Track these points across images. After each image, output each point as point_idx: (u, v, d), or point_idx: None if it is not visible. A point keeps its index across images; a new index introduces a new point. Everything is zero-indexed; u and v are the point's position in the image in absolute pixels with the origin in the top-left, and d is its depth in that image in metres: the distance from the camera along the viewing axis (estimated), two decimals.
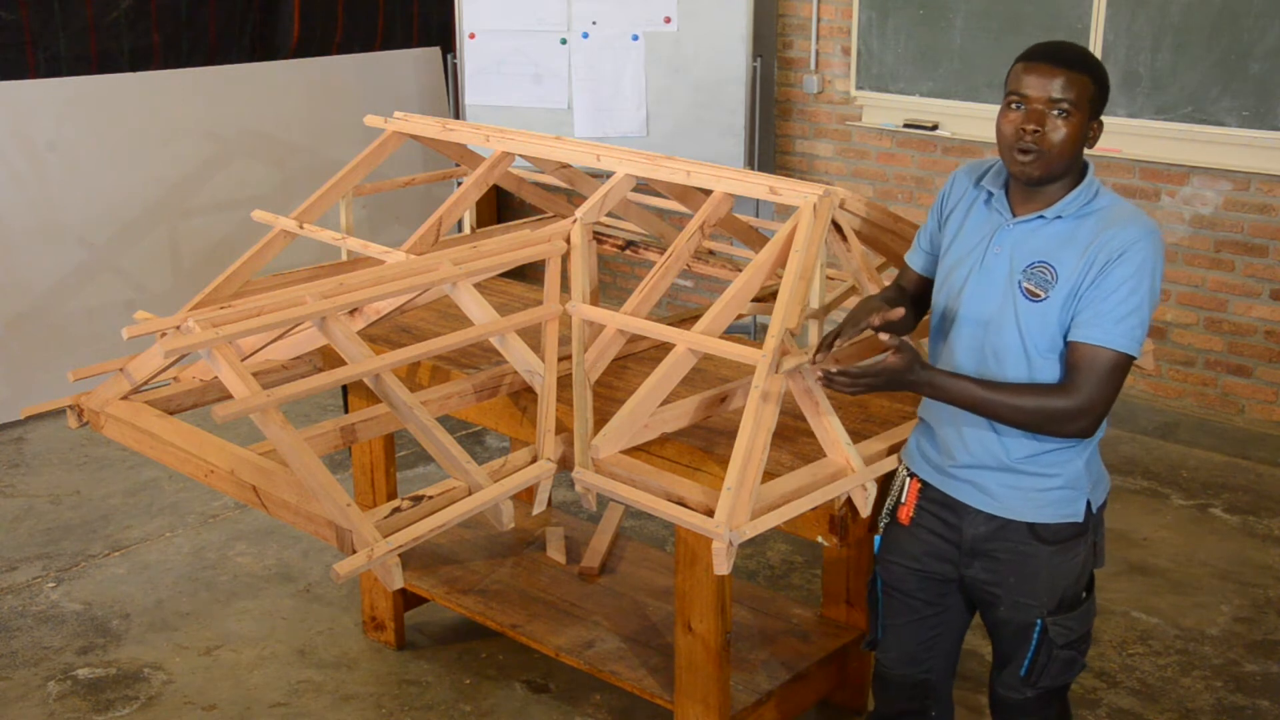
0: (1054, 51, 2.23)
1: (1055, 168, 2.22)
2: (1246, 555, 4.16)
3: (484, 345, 3.03)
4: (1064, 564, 2.35)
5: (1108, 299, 2.17)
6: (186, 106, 5.73)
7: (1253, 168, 4.80)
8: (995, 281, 2.29)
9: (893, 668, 2.57)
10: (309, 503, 2.36)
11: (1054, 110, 2.19)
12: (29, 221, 5.27)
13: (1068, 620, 2.38)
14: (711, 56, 5.67)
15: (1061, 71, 2.19)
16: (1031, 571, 2.35)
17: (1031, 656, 2.39)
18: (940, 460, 2.40)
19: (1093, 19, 4.94)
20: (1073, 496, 2.33)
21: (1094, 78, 2.22)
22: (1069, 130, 2.19)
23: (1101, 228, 2.21)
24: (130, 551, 4.23)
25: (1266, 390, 4.97)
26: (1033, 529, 2.33)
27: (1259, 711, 3.37)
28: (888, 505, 2.52)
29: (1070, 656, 2.40)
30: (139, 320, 2.77)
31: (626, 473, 2.51)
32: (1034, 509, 2.32)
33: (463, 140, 3.52)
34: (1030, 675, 2.41)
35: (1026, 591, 2.36)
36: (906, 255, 2.60)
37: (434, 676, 3.53)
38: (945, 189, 2.49)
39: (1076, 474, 2.32)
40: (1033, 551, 2.34)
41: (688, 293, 6.45)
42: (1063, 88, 2.18)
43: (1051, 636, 2.38)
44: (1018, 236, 2.28)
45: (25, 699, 3.44)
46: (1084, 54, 2.25)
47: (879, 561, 2.54)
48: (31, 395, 5.03)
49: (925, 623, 2.51)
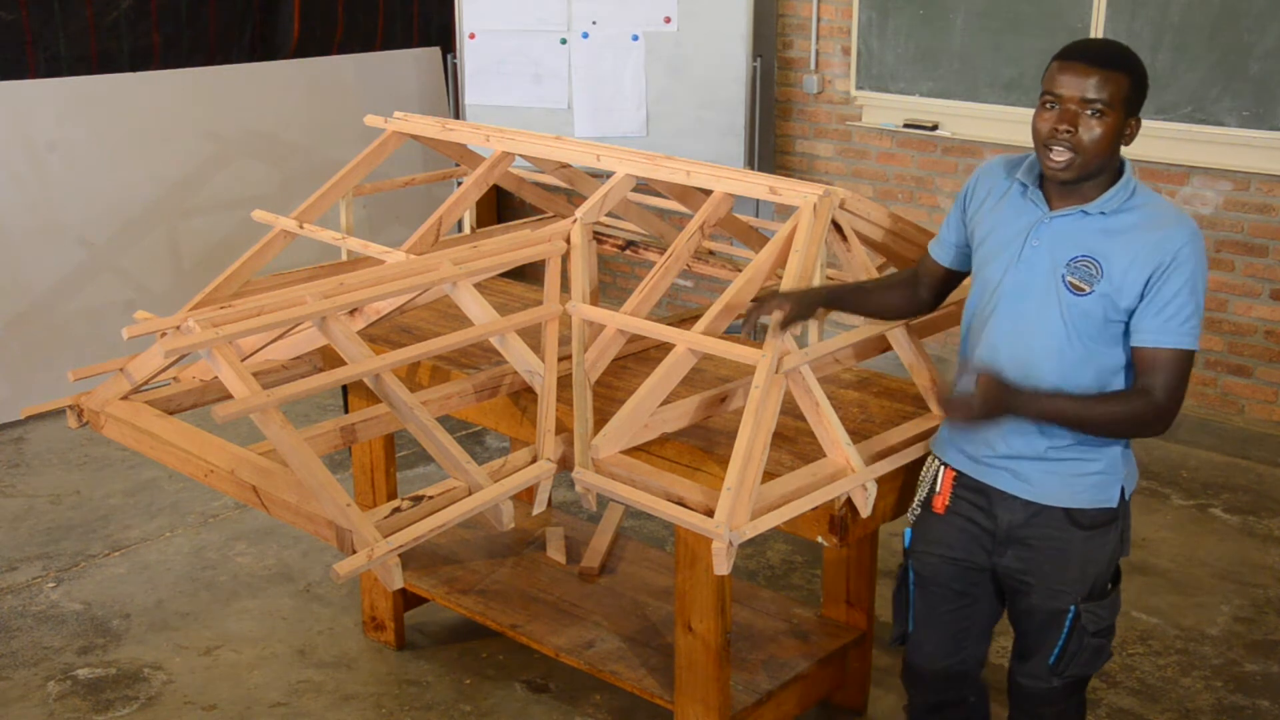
0: (1089, 50, 2.22)
1: (1089, 168, 2.23)
2: (1246, 555, 4.16)
3: (484, 345, 3.03)
4: (1097, 550, 2.38)
5: (1169, 304, 2.22)
6: (186, 106, 5.72)
7: (1253, 168, 4.80)
8: (1035, 274, 2.31)
9: (928, 662, 2.59)
10: (309, 503, 2.36)
11: (1088, 110, 2.19)
12: (29, 221, 5.27)
13: (1099, 608, 2.41)
14: (711, 56, 5.67)
15: (1096, 71, 2.18)
16: (1066, 558, 2.38)
17: (1062, 645, 2.42)
18: (975, 450, 2.43)
19: (1093, 19, 4.94)
20: (1109, 482, 2.36)
21: (1131, 76, 2.21)
22: (1103, 130, 2.19)
23: (1148, 228, 2.23)
24: (130, 551, 4.23)
25: (1266, 390, 4.97)
26: (1069, 514, 2.36)
27: (1259, 711, 3.37)
28: (920, 497, 2.54)
29: (1099, 644, 2.44)
30: (139, 320, 2.77)
31: (626, 473, 2.51)
32: (1071, 494, 2.35)
33: (463, 140, 3.52)
34: (1059, 664, 2.44)
35: (1060, 579, 2.39)
36: (930, 244, 2.61)
37: (434, 676, 3.53)
38: (971, 182, 2.49)
39: (1114, 460, 2.36)
40: (1068, 537, 2.37)
41: (688, 293, 6.45)
42: (1097, 87, 2.18)
43: (1084, 624, 2.41)
44: (1057, 230, 2.30)
45: (25, 699, 3.44)
46: (1122, 51, 2.24)
47: (911, 555, 2.56)
48: (31, 395, 5.03)
49: (960, 614, 2.54)
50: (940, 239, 2.58)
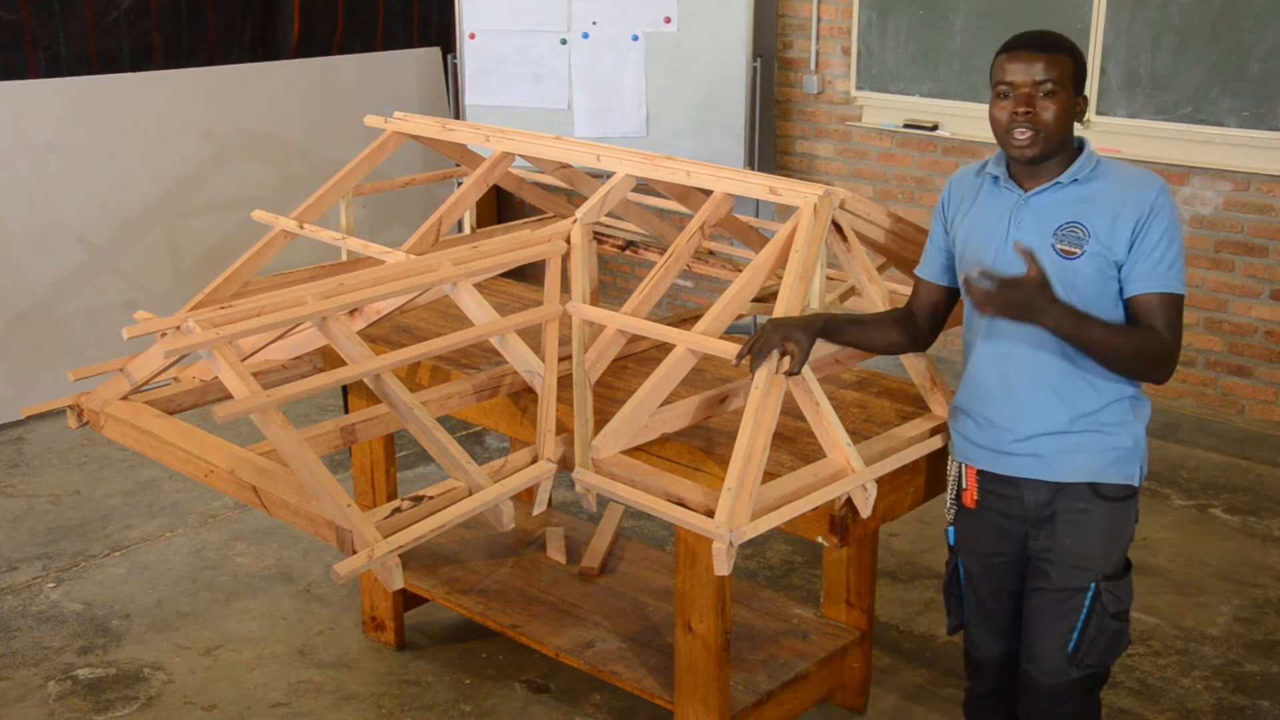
0: (1031, 39, 2.38)
1: (1052, 143, 2.36)
2: (1246, 555, 4.16)
3: (484, 345, 3.03)
4: (1119, 525, 2.45)
5: (1154, 250, 2.32)
6: (186, 106, 5.73)
7: (1253, 168, 4.80)
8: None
9: (984, 649, 2.66)
10: (309, 503, 2.36)
11: (1040, 91, 2.34)
12: (29, 221, 5.27)
13: (1117, 588, 2.47)
14: (711, 56, 5.67)
15: (1042, 55, 2.35)
16: (1089, 531, 2.44)
17: (1081, 628, 2.47)
18: (994, 441, 2.48)
19: (1093, 19, 4.94)
20: (1130, 457, 2.44)
21: (1072, 57, 2.37)
22: (1058, 107, 2.34)
23: (1122, 187, 2.37)
24: (130, 551, 4.24)
25: (1266, 390, 4.97)
26: (1093, 488, 2.42)
27: (1259, 712, 3.37)
28: (950, 495, 2.61)
29: (1118, 628, 2.48)
30: (139, 320, 2.77)
31: (626, 473, 2.51)
32: (1094, 469, 2.42)
33: (463, 140, 3.52)
34: (1078, 650, 2.48)
35: (1081, 556, 2.45)
36: (917, 270, 2.65)
37: (434, 676, 3.53)
38: (944, 195, 2.59)
39: (1136, 438, 2.44)
40: (1093, 509, 2.43)
41: (688, 293, 6.46)
42: (1045, 69, 2.34)
43: (1105, 602, 2.45)
44: (1036, 207, 2.40)
45: (25, 699, 3.44)
46: (1058, 37, 2.41)
47: (958, 551, 2.64)
48: (31, 395, 5.03)
49: (1008, 607, 2.60)
50: (927, 259, 2.62)
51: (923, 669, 3.54)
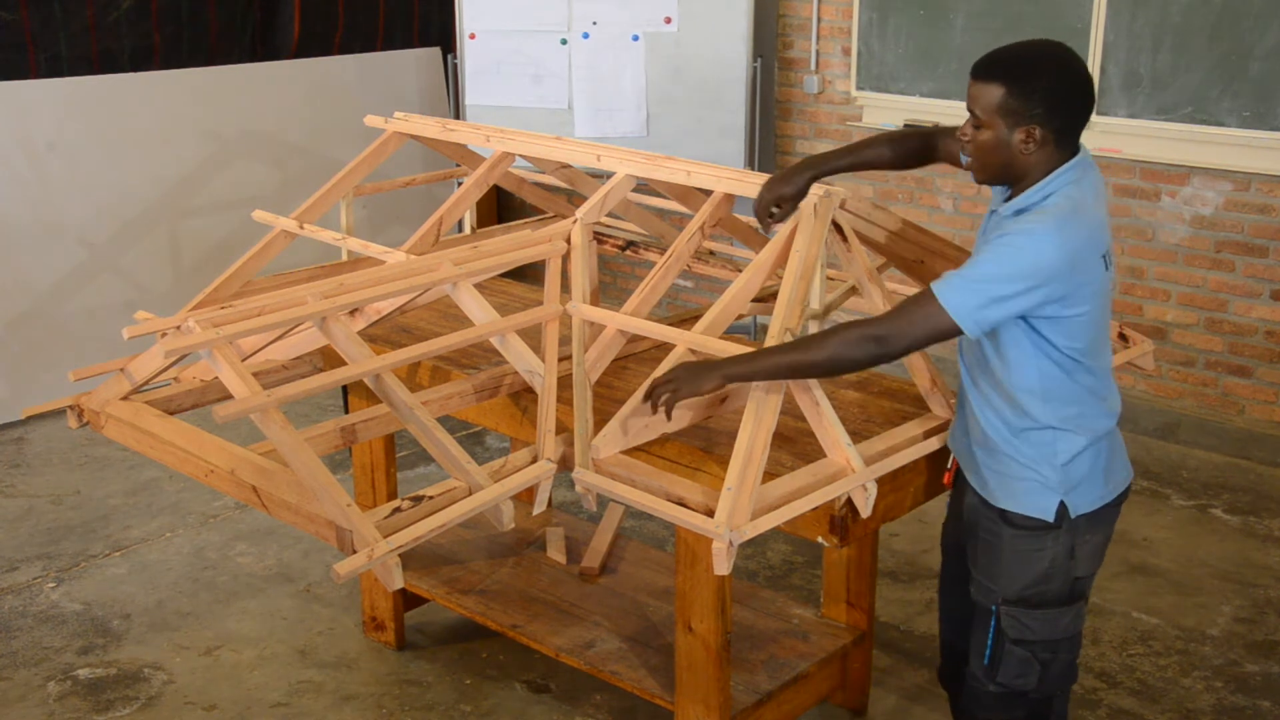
0: (983, 61, 2.26)
1: (990, 171, 2.29)
2: (1246, 555, 4.16)
3: (484, 345, 3.03)
4: (1026, 555, 2.40)
5: (970, 261, 2.25)
6: (186, 106, 5.72)
7: (1253, 168, 4.80)
8: None
9: (944, 631, 2.72)
10: (309, 503, 2.36)
11: (972, 120, 2.27)
12: (29, 221, 5.27)
13: (1024, 616, 2.42)
14: (711, 56, 5.67)
15: (973, 82, 2.26)
16: (996, 553, 2.43)
17: (991, 645, 2.46)
18: (959, 436, 2.54)
19: (1093, 19, 4.94)
20: (1041, 492, 2.36)
21: (1008, 86, 2.20)
22: (985, 140, 2.25)
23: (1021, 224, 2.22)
24: (130, 551, 4.24)
25: (1267, 390, 4.97)
26: (1003, 514, 2.42)
27: (1259, 712, 3.36)
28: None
29: (1024, 656, 2.44)
30: (139, 320, 2.77)
31: (626, 473, 2.51)
32: (1005, 495, 2.41)
33: (463, 140, 3.52)
34: (991, 667, 2.48)
35: (990, 573, 2.45)
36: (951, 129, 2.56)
37: (434, 676, 3.53)
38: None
39: (1062, 473, 2.35)
40: (998, 531, 2.42)
41: (688, 293, 6.45)
42: (973, 99, 2.26)
43: (1004, 627, 2.43)
44: (989, 225, 2.41)
45: (25, 699, 3.44)
46: (1008, 62, 2.23)
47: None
48: (32, 395, 5.03)
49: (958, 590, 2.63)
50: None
51: (923, 669, 3.53)
